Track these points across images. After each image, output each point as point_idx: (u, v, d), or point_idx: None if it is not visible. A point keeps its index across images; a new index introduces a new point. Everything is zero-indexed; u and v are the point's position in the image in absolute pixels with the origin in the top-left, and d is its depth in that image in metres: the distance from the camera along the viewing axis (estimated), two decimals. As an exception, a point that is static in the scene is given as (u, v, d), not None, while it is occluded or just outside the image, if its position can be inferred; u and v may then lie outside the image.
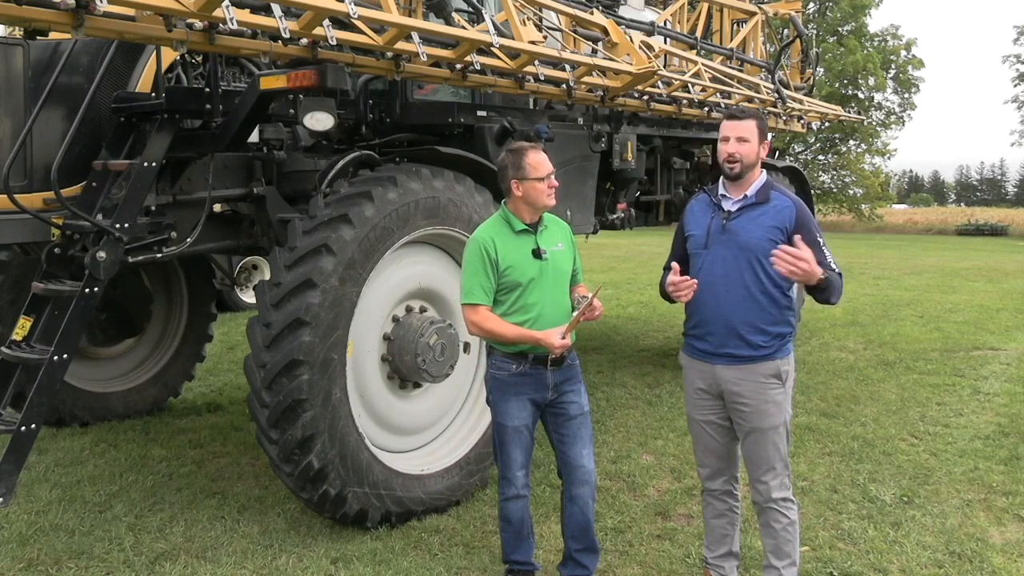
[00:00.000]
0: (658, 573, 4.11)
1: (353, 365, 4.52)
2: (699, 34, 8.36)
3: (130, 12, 3.66)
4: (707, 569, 3.85)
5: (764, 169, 3.62)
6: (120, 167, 4.62)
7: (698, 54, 7.54)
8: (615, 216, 7.60)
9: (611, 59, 5.78)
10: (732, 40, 9.04)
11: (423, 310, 4.90)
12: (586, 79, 5.64)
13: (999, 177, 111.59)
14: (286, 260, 4.32)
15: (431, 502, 4.74)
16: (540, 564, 4.01)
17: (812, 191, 10.58)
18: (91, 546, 4.33)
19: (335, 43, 4.15)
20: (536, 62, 5.15)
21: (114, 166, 4.64)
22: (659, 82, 6.28)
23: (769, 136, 3.67)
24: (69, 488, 5.13)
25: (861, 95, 37.40)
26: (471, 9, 5.57)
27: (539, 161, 3.67)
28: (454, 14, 5.09)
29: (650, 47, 6.25)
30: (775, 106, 8.16)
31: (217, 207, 5.47)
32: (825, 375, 8.23)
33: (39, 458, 5.62)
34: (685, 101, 6.87)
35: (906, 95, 39.38)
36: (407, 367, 4.70)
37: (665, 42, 7.32)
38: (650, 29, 7.07)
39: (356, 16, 3.97)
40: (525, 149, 3.70)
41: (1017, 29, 46.80)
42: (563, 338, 3.55)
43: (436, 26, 4.80)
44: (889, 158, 40.93)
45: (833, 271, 3.39)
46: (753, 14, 9.29)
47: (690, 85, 6.70)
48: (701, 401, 3.65)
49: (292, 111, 4.74)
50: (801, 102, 8.93)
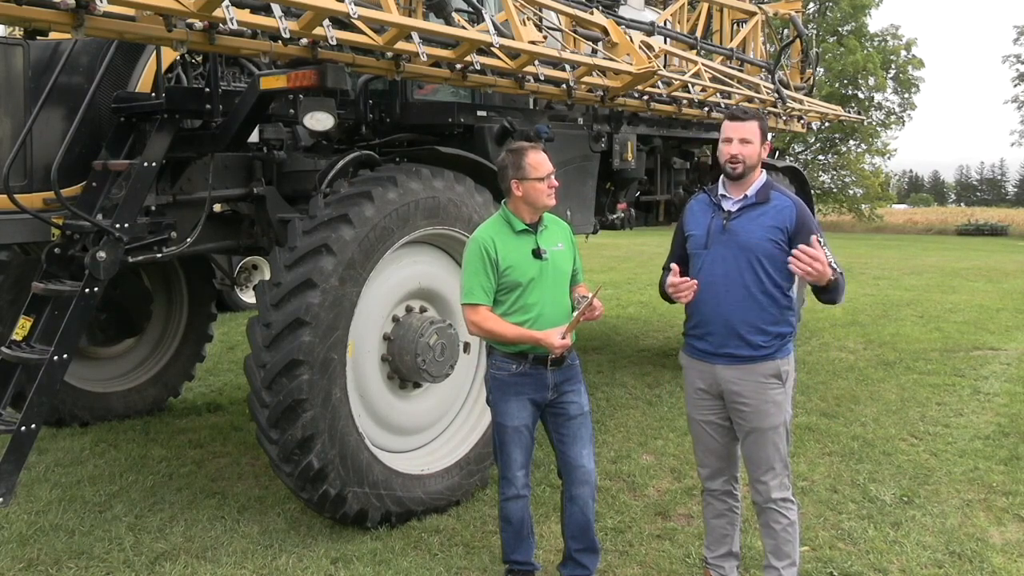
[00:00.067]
0: (658, 573, 4.12)
1: (353, 365, 4.52)
2: (699, 34, 8.35)
3: (130, 12, 3.66)
4: (707, 569, 3.86)
5: (764, 169, 3.63)
6: (120, 167, 4.62)
7: (698, 54, 7.54)
8: (615, 216, 7.60)
9: (611, 59, 5.78)
10: (732, 40, 9.03)
11: (423, 310, 4.91)
12: (586, 79, 5.64)
13: (999, 177, 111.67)
14: (286, 260, 4.32)
15: (431, 502, 4.74)
16: (540, 564, 4.01)
17: (812, 191, 10.58)
18: (91, 546, 4.33)
19: (335, 43, 4.15)
20: (536, 62, 5.15)
21: (114, 166, 4.64)
22: (659, 82, 6.28)
23: (769, 136, 3.67)
24: (69, 488, 5.13)
25: (861, 95, 37.41)
26: (471, 9, 5.57)
27: (539, 161, 3.67)
28: (454, 14, 5.09)
29: (650, 47, 6.25)
30: (775, 106, 8.16)
31: (217, 207, 5.47)
32: (825, 375, 8.22)
33: (39, 458, 5.62)
34: (685, 101, 6.87)
35: (906, 95, 39.42)
36: (407, 367, 4.70)
37: (665, 42, 7.32)
38: (650, 29, 7.07)
39: (356, 16, 3.97)
40: (525, 149, 3.70)
41: (1017, 29, 46.89)
42: (563, 338, 3.55)
43: (436, 26, 4.80)
44: (889, 158, 40.99)
45: (835, 270, 3.40)
46: (753, 14, 9.28)
47: (690, 85, 6.70)
48: (701, 401, 3.65)
49: (292, 111, 4.74)
50: (801, 102, 8.92)
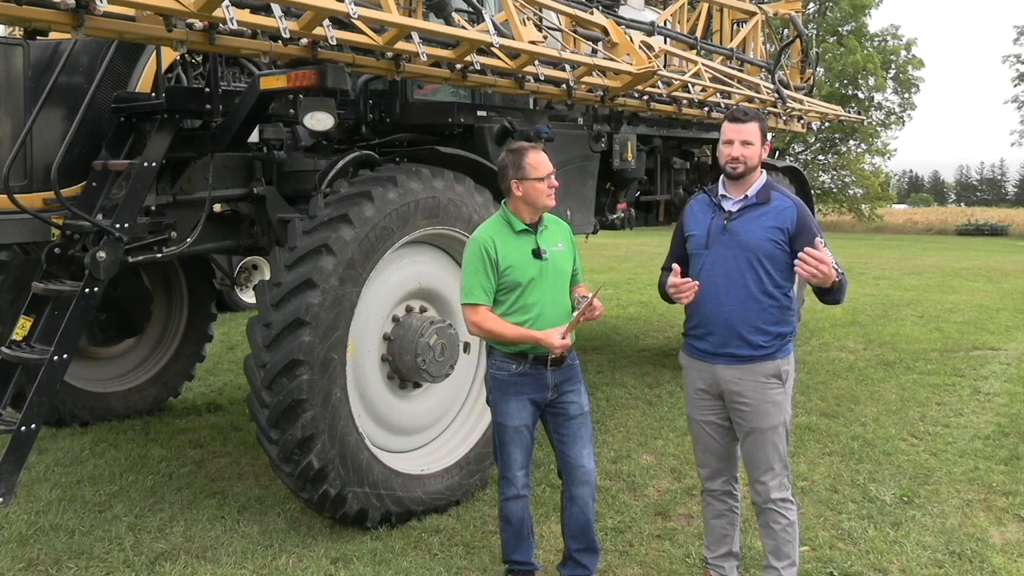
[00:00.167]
0: (658, 573, 4.12)
1: (353, 365, 4.52)
2: (699, 34, 8.35)
3: (130, 12, 3.66)
4: (707, 569, 3.86)
5: (764, 169, 3.62)
6: (120, 167, 4.62)
7: (698, 54, 7.54)
8: (615, 216, 7.60)
9: (611, 59, 5.78)
10: (732, 40, 9.03)
11: (423, 310, 4.91)
12: (586, 79, 5.64)
13: (999, 177, 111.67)
14: (286, 260, 4.32)
15: (431, 502, 4.74)
16: (540, 564, 4.01)
17: (812, 191, 10.58)
18: (91, 546, 4.33)
19: (335, 43, 4.15)
20: (536, 62, 5.15)
21: (114, 166, 4.64)
22: (659, 82, 6.28)
23: (769, 136, 3.67)
24: (69, 488, 5.13)
25: (861, 95, 37.42)
26: (471, 9, 5.57)
27: (539, 161, 3.67)
28: (454, 14, 5.09)
29: (650, 47, 6.25)
30: (775, 106, 8.15)
31: (217, 207, 5.47)
32: (825, 375, 8.22)
33: (39, 458, 5.62)
34: (685, 101, 6.87)
35: (906, 95, 39.44)
36: (407, 367, 4.70)
37: (665, 42, 7.32)
38: (650, 29, 7.07)
39: (356, 16, 3.97)
40: (525, 149, 3.70)
41: (1017, 29, 46.89)
42: (563, 338, 3.55)
43: (436, 26, 4.80)
44: (889, 158, 41.00)
45: (837, 271, 3.39)
46: (753, 14, 9.28)
47: (690, 85, 6.70)
48: (701, 401, 3.65)
49: (292, 111, 4.74)
50: (801, 102, 8.92)
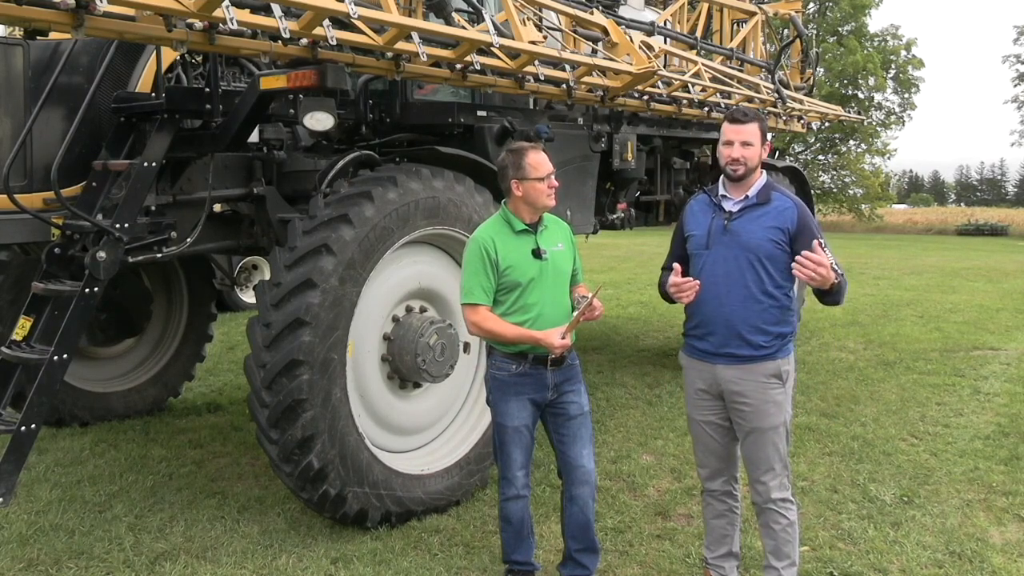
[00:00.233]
0: (658, 573, 4.12)
1: (353, 365, 4.52)
2: (699, 34, 8.35)
3: (130, 12, 3.66)
4: (707, 569, 3.86)
5: (764, 169, 3.62)
6: (120, 167, 4.62)
7: (698, 54, 7.54)
8: (615, 216, 7.60)
9: (611, 59, 5.78)
10: (732, 40, 9.03)
11: (423, 310, 4.91)
12: (586, 79, 5.64)
13: (999, 177, 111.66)
14: (286, 260, 4.32)
15: (431, 502, 4.74)
16: (540, 564, 4.01)
17: (812, 191, 10.58)
18: (91, 546, 4.33)
19: (335, 43, 4.15)
20: (536, 62, 5.15)
21: (114, 166, 4.64)
22: (659, 82, 6.28)
23: (769, 137, 3.67)
24: (69, 488, 5.13)
25: (861, 95, 37.42)
26: (471, 9, 5.57)
27: (539, 161, 3.67)
28: (454, 14, 5.09)
29: (650, 47, 6.25)
30: (775, 106, 8.16)
31: (217, 207, 5.47)
32: (825, 375, 8.22)
33: (39, 458, 5.62)
34: (685, 101, 6.87)
35: (906, 95, 39.44)
36: (407, 367, 4.70)
37: (665, 42, 7.32)
38: (650, 29, 7.07)
39: (356, 16, 3.97)
40: (525, 149, 3.70)
41: (1017, 29, 46.89)
42: (563, 338, 3.55)
43: (436, 26, 4.80)
44: (889, 158, 41.01)
45: (837, 272, 3.39)
46: (753, 14, 9.28)
47: (690, 85, 6.70)
48: (701, 401, 3.65)
49: (292, 111, 4.74)
50: (801, 102, 8.92)
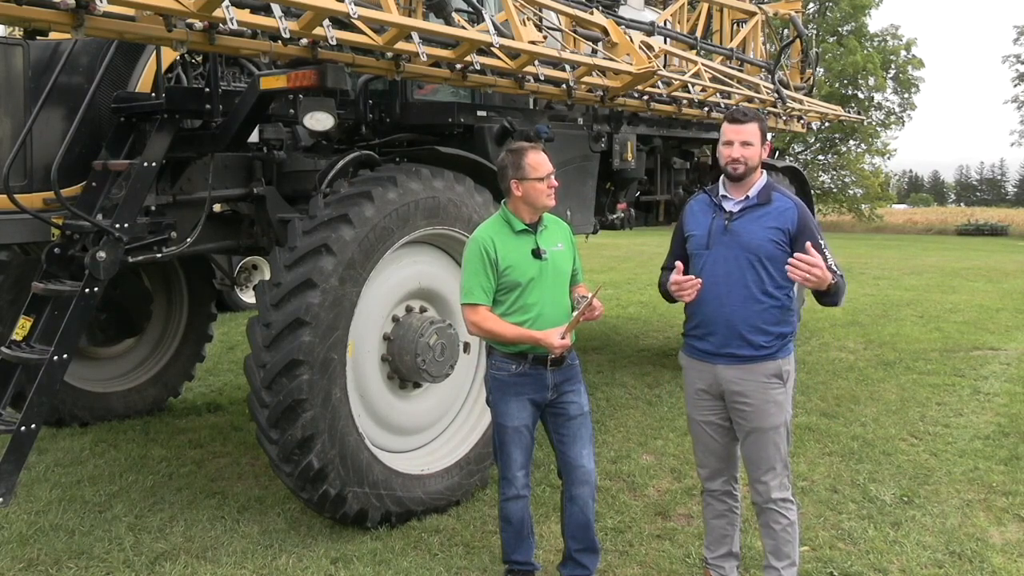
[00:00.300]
0: (658, 573, 4.12)
1: (353, 365, 4.52)
2: (699, 34, 8.35)
3: (130, 12, 3.66)
4: (707, 569, 3.86)
5: (764, 170, 3.62)
6: (120, 167, 4.62)
7: (698, 54, 7.54)
8: (615, 216, 7.60)
9: (611, 59, 5.78)
10: (732, 40, 9.03)
11: (423, 310, 4.90)
12: (586, 79, 5.64)
13: (999, 177, 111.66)
14: (286, 260, 4.32)
15: (431, 502, 4.74)
16: (540, 564, 4.01)
17: (812, 191, 10.58)
18: (91, 546, 4.33)
19: (335, 43, 4.15)
20: (536, 62, 5.15)
21: (114, 166, 4.64)
22: (659, 82, 6.28)
23: (769, 136, 3.67)
24: (69, 488, 5.13)
25: (861, 95, 37.41)
26: (471, 9, 5.57)
27: (539, 161, 3.67)
28: (454, 14, 5.09)
29: (650, 47, 6.25)
30: (775, 106, 8.16)
31: (217, 207, 5.47)
32: (825, 375, 8.22)
33: (39, 458, 5.62)
34: (685, 101, 6.87)
35: (906, 95, 39.43)
36: (407, 367, 4.70)
37: (665, 42, 7.32)
38: (650, 29, 7.07)
39: (356, 16, 3.97)
40: (525, 149, 3.70)
41: (1017, 29, 46.91)
42: (563, 338, 3.55)
43: (436, 26, 4.80)
44: (889, 158, 40.99)
45: (835, 273, 3.39)
46: (753, 14, 9.28)
47: (690, 85, 6.70)
48: (701, 402, 3.65)
49: (292, 111, 4.74)
50: (801, 102, 8.92)
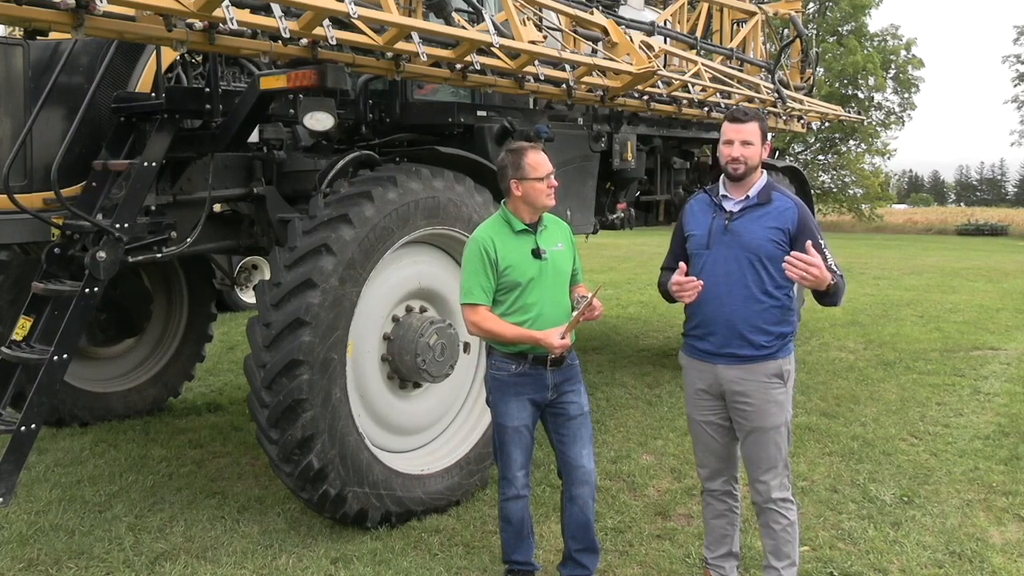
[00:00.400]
0: (658, 573, 4.12)
1: (353, 365, 4.52)
2: (699, 34, 8.36)
3: (130, 12, 3.66)
4: (707, 569, 3.86)
5: (764, 169, 3.62)
6: (120, 167, 4.62)
7: (698, 54, 7.54)
8: (615, 216, 7.60)
9: (611, 59, 5.78)
10: (732, 40, 9.03)
11: (423, 310, 4.91)
12: (586, 79, 5.64)
13: (999, 177, 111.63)
14: (286, 260, 4.32)
15: (431, 502, 4.74)
16: (540, 564, 4.01)
17: (812, 191, 10.58)
18: (91, 546, 4.33)
19: (335, 43, 4.15)
20: (536, 62, 5.15)
21: (114, 166, 4.64)
22: (659, 82, 6.28)
23: (769, 136, 3.67)
24: (69, 488, 5.13)
25: (861, 95, 37.40)
26: (471, 9, 5.57)
27: (539, 161, 3.67)
28: (454, 14, 5.09)
29: (650, 47, 6.25)
30: (775, 106, 8.16)
31: (217, 207, 5.47)
32: (825, 375, 8.22)
33: (39, 458, 5.62)
34: (685, 101, 6.87)
35: (906, 95, 39.42)
36: (407, 367, 4.70)
37: (665, 42, 7.32)
38: (650, 29, 7.07)
39: (356, 16, 3.97)
40: (525, 149, 3.70)
41: (1017, 29, 46.85)
42: (563, 338, 3.55)
43: (436, 26, 4.80)
44: (889, 158, 40.99)
45: (835, 273, 3.39)
46: (753, 14, 9.29)
47: (690, 85, 6.70)
48: (701, 401, 3.65)
49: (292, 111, 4.73)
50: (801, 102, 8.92)
